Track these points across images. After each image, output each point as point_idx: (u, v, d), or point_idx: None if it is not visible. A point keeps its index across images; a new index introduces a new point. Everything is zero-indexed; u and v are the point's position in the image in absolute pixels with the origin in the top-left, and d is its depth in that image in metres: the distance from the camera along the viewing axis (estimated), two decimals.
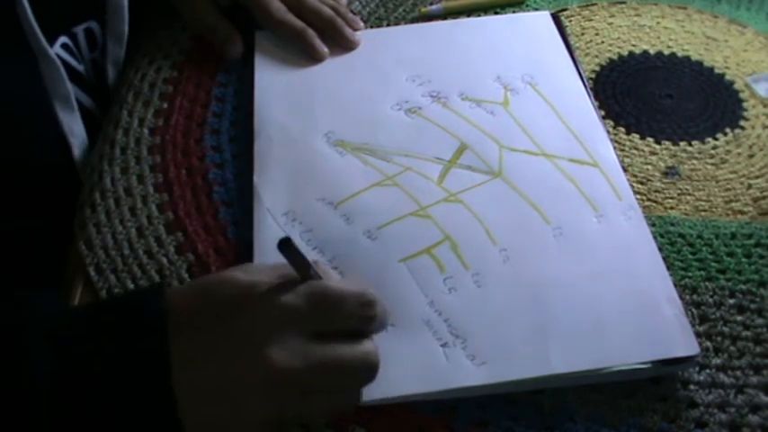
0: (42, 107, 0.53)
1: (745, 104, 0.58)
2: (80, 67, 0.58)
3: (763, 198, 0.52)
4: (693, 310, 0.46)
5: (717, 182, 0.53)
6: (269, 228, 0.49)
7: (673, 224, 0.50)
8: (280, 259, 0.38)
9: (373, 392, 0.41)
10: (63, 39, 0.55)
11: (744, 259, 0.48)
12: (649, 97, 0.59)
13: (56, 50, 0.54)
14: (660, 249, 0.47)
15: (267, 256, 0.47)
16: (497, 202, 0.50)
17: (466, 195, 0.50)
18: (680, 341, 0.42)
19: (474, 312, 0.44)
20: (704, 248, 0.49)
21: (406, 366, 0.42)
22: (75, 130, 0.55)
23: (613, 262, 0.46)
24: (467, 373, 0.41)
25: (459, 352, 0.42)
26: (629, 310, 0.44)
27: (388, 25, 0.66)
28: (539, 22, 0.63)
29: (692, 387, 0.42)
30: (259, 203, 0.50)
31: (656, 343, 0.42)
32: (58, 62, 0.52)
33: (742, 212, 0.51)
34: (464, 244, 0.47)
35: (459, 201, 0.50)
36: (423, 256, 0.47)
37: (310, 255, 0.47)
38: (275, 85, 0.58)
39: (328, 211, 0.50)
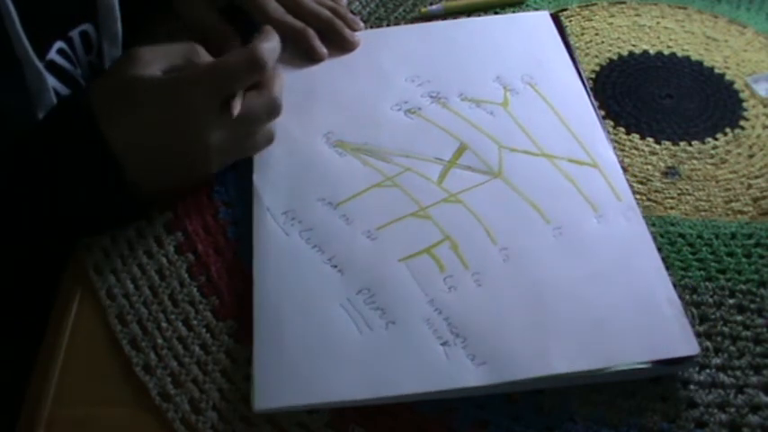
0: (27, 116, 0.52)
1: (745, 104, 0.58)
2: (77, 72, 0.57)
3: (763, 198, 0.52)
4: (693, 310, 0.46)
5: (717, 182, 0.53)
6: (269, 227, 0.49)
7: (673, 224, 0.50)
8: (280, 263, 0.44)
9: (373, 392, 0.41)
10: (59, 44, 0.55)
11: (744, 259, 0.48)
12: (649, 97, 0.59)
13: (52, 56, 0.54)
14: (660, 249, 0.47)
15: (267, 255, 0.47)
16: (497, 203, 0.50)
17: (466, 195, 0.50)
18: (680, 341, 0.42)
19: (474, 311, 0.44)
20: (704, 248, 0.49)
21: (405, 365, 0.42)
22: None
23: (613, 262, 0.46)
24: (467, 373, 0.41)
25: (460, 351, 0.42)
26: (628, 310, 0.44)
27: (388, 25, 0.66)
28: (538, 22, 0.63)
29: (692, 387, 0.42)
30: (259, 203, 0.50)
31: (656, 343, 0.42)
32: (44, 72, 0.52)
33: (742, 212, 0.51)
34: (464, 244, 0.47)
35: (459, 201, 0.50)
36: (422, 256, 0.47)
37: (310, 254, 0.47)
38: None
39: (328, 211, 0.50)
